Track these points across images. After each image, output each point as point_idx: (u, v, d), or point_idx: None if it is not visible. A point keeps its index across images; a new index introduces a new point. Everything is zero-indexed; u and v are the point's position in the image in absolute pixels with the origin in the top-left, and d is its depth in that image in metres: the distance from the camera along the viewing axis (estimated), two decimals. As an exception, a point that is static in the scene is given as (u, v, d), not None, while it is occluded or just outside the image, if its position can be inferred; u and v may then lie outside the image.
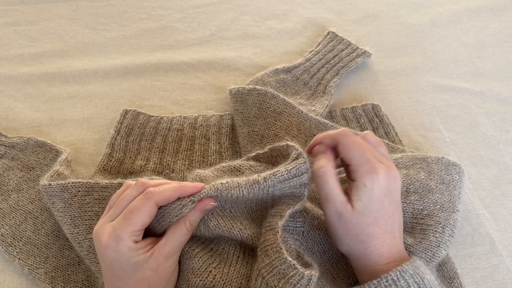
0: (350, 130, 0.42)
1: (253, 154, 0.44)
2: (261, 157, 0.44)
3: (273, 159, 0.43)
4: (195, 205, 0.38)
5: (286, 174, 0.38)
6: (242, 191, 0.38)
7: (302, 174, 0.39)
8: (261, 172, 0.41)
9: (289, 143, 0.41)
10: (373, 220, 0.40)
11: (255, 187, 0.38)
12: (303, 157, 0.39)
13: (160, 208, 0.39)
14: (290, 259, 0.34)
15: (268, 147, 0.43)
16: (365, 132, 0.43)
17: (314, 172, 0.39)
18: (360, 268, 0.40)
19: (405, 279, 0.36)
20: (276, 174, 0.38)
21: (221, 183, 0.38)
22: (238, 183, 0.38)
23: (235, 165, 0.43)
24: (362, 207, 0.39)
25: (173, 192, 0.38)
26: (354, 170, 0.39)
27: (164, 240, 0.38)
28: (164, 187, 0.38)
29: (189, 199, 0.38)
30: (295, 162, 0.39)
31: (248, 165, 0.43)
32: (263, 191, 0.38)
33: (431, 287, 0.37)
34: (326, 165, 0.39)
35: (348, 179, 0.42)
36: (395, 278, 0.36)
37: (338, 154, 0.42)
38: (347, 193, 0.40)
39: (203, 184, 0.39)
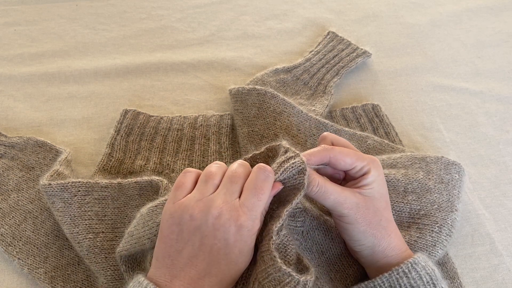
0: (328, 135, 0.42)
1: (250, 155, 0.44)
2: (258, 158, 0.44)
3: (269, 159, 0.43)
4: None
5: (276, 166, 0.38)
6: None
7: (295, 161, 0.38)
8: None
9: (283, 142, 0.41)
10: (385, 204, 0.41)
11: None
12: (292, 150, 0.39)
13: None
14: (285, 267, 0.34)
15: (265, 146, 0.43)
16: (327, 136, 0.43)
17: (308, 191, 0.38)
18: (376, 264, 0.40)
19: (417, 271, 0.36)
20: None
21: None
22: None
23: None
24: (374, 193, 0.39)
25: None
26: (358, 170, 0.40)
27: None
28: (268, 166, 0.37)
29: None
30: (285, 155, 0.39)
31: None
32: None
33: (442, 279, 0.37)
34: (315, 177, 0.39)
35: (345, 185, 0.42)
36: (406, 270, 0.36)
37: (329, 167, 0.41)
38: (357, 187, 0.40)
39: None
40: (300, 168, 0.37)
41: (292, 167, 0.37)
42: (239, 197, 0.36)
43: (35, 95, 0.64)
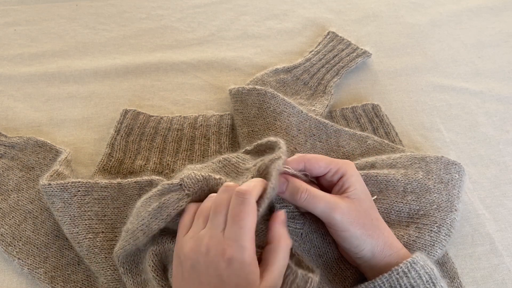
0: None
1: (242, 150, 0.46)
2: (250, 152, 0.45)
3: (260, 153, 0.45)
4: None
5: (264, 166, 0.39)
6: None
7: (276, 162, 0.38)
8: (246, 158, 0.44)
9: (271, 138, 0.42)
10: (371, 204, 0.41)
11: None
12: (280, 149, 0.39)
13: (153, 201, 0.39)
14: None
15: (254, 144, 0.44)
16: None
17: (297, 199, 0.39)
18: (377, 266, 0.39)
19: (416, 270, 0.37)
20: (256, 164, 0.39)
21: (215, 178, 0.40)
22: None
23: (223, 157, 0.45)
24: (359, 194, 0.40)
25: (261, 184, 0.37)
26: (334, 172, 0.40)
27: (270, 273, 0.34)
28: (248, 182, 0.36)
29: (185, 193, 0.39)
30: (274, 154, 0.40)
31: (235, 155, 0.45)
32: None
33: (440, 278, 0.37)
34: (302, 184, 0.39)
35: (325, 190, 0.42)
36: (406, 270, 0.37)
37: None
38: (341, 192, 0.40)
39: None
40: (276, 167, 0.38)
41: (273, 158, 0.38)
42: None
43: (35, 95, 0.64)
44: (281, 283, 0.35)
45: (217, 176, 0.40)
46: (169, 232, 0.41)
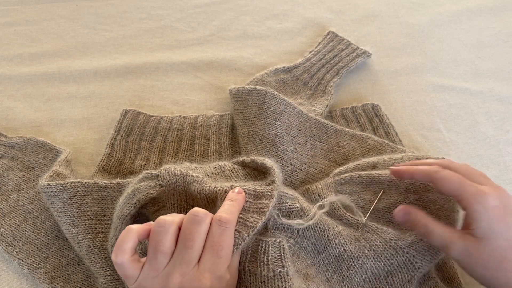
0: (443, 162, 0.41)
1: (240, 159, 0.46)
2: (246, 165, 0.46)
3: (256, 170, 0.46)
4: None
5: (253, 192, 0.40)
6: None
7: (267, 200, 0.39)
8: (240, 176, 0.44)
9: (267, 163, 0.42)
10: (507, 244, 0.35)
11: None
12: (274, 185, 0.40)
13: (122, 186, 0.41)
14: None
15: (252, 158, 0.45)
16: (460, 164, 0.41)
17: (414, 231, 0.38)
18: None
19: None
20: (244, 188, 0.40)
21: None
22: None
23: (220, 165, 0.46)
24: (486, 233, 0.35)
25: (238, 208, 0.36)
26: (460, 199, 0.38)
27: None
28: (228, 208, 0.35)
29: (158, 182, 0.41)
30: (265, 187, 0.40)
31: (231, 167, 0.45)
32: None
33: None
34: (420, 220, 0.38)
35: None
36: None
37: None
38: (466, 227, 0.38)
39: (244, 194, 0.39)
40: (263, 210, 0.38)
41: (262, 194, 0.39)
42: (199, 259, 0.33)
43: (35, 95, 0.64)
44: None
45: (195, 174, 0.41)
46: None
